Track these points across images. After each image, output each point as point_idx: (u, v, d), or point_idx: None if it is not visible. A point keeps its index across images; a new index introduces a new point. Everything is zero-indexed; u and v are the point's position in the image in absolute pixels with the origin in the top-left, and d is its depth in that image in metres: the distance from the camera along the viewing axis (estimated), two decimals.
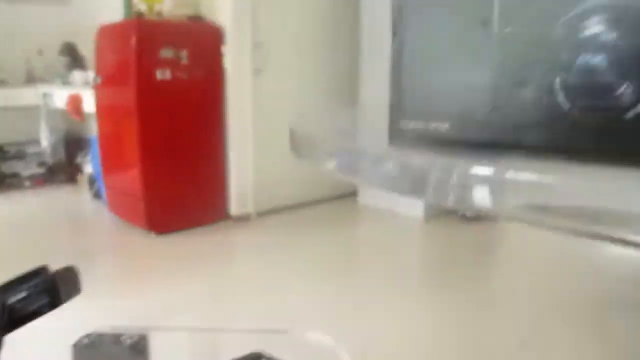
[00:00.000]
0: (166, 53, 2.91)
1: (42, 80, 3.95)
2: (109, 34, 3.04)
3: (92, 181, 3.67)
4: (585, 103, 0.32)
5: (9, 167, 3.97)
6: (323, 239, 3.07)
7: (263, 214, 3.41)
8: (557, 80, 0.33)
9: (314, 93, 3.52)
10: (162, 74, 2.91)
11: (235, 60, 3.12)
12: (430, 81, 0.38)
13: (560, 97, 0.33)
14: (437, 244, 3.08)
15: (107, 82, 3.08)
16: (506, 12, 0.34)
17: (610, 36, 0.31)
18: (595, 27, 0.31)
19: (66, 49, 3.86)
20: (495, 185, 0.33)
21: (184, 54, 2.98)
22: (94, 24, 3.15)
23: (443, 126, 0.37)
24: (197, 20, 3.14)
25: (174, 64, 2.94)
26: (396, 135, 0.40)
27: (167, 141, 2.99)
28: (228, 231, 3.20)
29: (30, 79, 3.97)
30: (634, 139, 0.31)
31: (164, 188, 3.00)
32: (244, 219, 3.34)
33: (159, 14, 3.14)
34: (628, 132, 0.32)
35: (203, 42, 3.09)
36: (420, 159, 0.36)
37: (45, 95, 3.76)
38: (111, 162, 3.24)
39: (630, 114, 0.31)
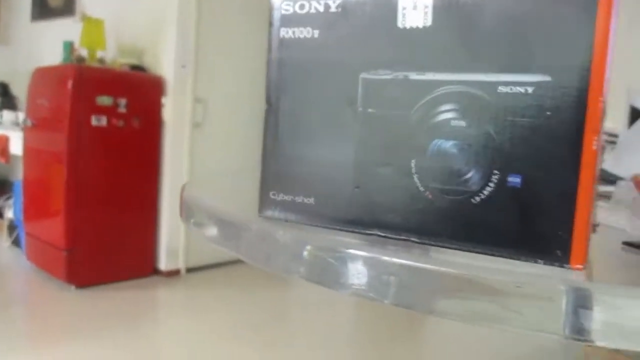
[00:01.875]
0: (103, 100, 2.86)
1: None
2: (45, 77, 2.97)
3: (12, 227, 3.46)
4: (437, 186, 0.33)
5: None
6: (254, 298, 2.99)
7: (193, 270, 3.30)
8: (413, 163, 0.34)
9: (251, 149, 3.53)
10: (98, 121, 2.85)
11: (174, 113, 3.11)
12: (298, 155, 0.38)
13: (416, 179, 0.34)
14: (367, 310, 3.06)
15: (38, 125, 2.98)
16: (368, 93, 0.35)
17: (459, 124, 0.32)
18: (446, 114, 0.33)
19: None
20: (350, 263, 0.32)
21: (123, 102, 2.94)
22: (31, 66, 3.07)
23: (309, 200, 0.37)
24: (139, 70, 3.13)
25: (111, 111, 2.89)
26: (266, 206, 0.39)
27: (96, 190, 2.89)
28: (156, 287, 3.07)
29: None
30: (481, 223, 0.32)
31: (88, 239, 2.87)
32: (173, 274, 3.22)
33: (101, 61, 3.11)
34: (475, 217, 0.32)
35: (143, 92, 3.06)
36: (282, 232, 0.36)
37: None
38: (34, 208, 3.08)
39: (477, 200, 0.32)
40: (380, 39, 0.34)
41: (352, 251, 0.33)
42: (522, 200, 0.31)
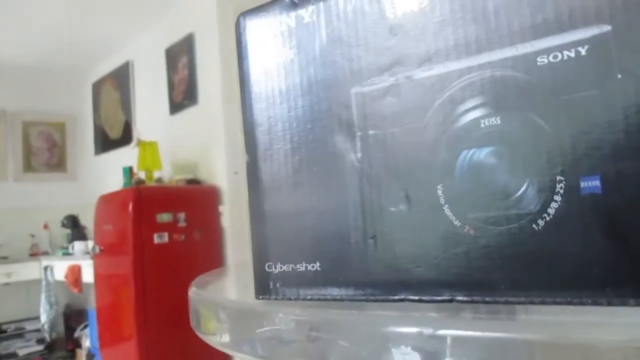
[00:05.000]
0: (163, 217, 2.91)
1: (45, 253, 3.95)
2: (107, 203, 3.09)
3: (90, 357, 3.46)
4: (479, 215, 0.23)
5: (6, 346, 3.79)
6: None
7: None
8: (440, 189, 0.24)
9: None
10: (160, 238, 2.88)
11: (232, 219, 3.11)
12: (291, 209, 0.29)
13: (447, 211, 0.24)
14: None
15: (105, 250, 3.06)
16: (365, 111, 0.26)
17: (492, 122, 0.23)
18: (471, 113, 0.23)
19: (68, 221, 3.91)
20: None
21: (182, 216, 2.98)
22: (97, 196, 3.22)
23: (313, 267, 0.28)
24: (195, 183, 3.20)
25: (171, 227, 2.93)
26: (262, 283, 0.30)
27: (165, 308, 2.86)
28: None
29: (34, 253, 3.98)
30: (553, 258, 0.21)
31: None
32: None
33: (159, 180, 3.22)
34: (543, 250, 0.22)
35: (201, 203, 3.11)
36: (282, 315, 0.26)
37: (46, 268, 3.72)
38: (108, 335, 3.08)
39: (540, 224, 0.22)
40: (368, 38, 0.26)
41: (390, 329, 0.23)
42: (611, 212, 0.20)
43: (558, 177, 0.21)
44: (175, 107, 3.41)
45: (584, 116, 0.21)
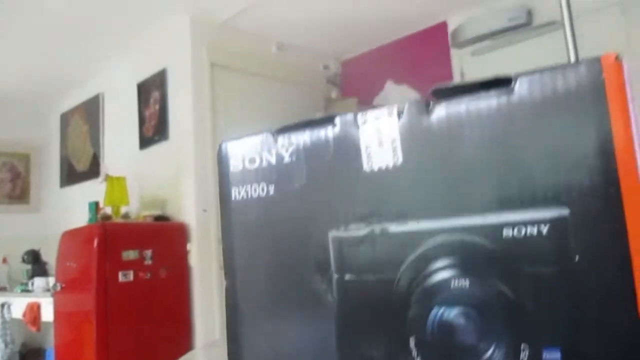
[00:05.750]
0: (129, 254, 2.85)
1: (3, 289, 3.81)
2: (72, 239, 3.02)
3: None
4: None
5: None
6: None
7: None
8: (412, 342, 0.25)
9: None
10: (125, 276, 2.82)
11: (200, 257, 3.07)
12: (268, 343, 0.29)
13: None
14: None
15: (67, 287, 2.97)
16: (342, 256, 0.27)
17: (461, 284, 0.24)
18: (442, 272, 0.25)
19: (29, 256, 3.79)
20: None
21: (148, 253, 2.92)
22: (61, 230, 3.14)
23: None
24: (163, 219, 3.16)
25: (137, 264, 2.87)
26: None
27: (127, 348, 2.78)
28: None
29: None
30: None
31: None
32: None
33: (125, 216, 3.17)
34: None
35: (168, 240, 3.07)
36: None
37: (3, 305, 3.58)
38: None
39: None
40: (346, 187, 0.28)
41: None
42: None
43: (522, 345, 0.23)
44: (146, 141, 3.38)
45: (546, 290, 0.22)
